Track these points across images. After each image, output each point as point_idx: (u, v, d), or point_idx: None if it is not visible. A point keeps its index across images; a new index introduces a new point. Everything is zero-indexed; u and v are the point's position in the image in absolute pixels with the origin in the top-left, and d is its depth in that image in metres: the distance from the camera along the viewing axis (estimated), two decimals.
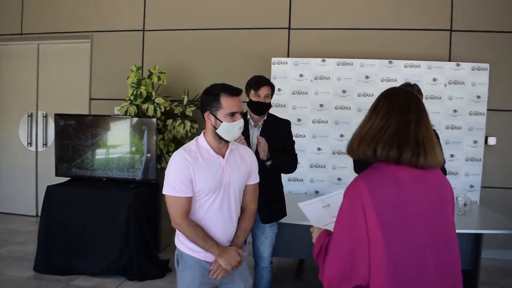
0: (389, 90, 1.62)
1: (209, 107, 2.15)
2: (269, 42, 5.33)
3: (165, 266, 4.30)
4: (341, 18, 5.24)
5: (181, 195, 2.10)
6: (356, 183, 1.50)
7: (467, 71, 4.81)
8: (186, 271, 2.20)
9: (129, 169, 4.47)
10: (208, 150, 2.18)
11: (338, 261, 1.48)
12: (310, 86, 4.95)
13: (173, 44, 5.53)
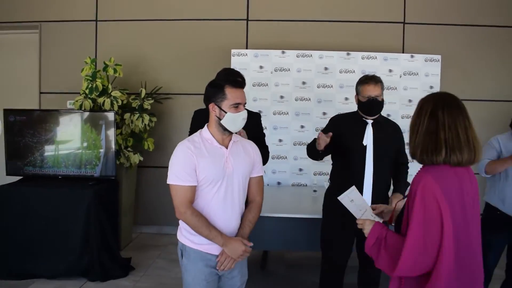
0: (438, 95, 1.82)
1: (214, 98, 2.17)
2: (228, 34, 5.28)
3: (128, 265, 4.21)
4: (300, 10, 5.27)
5: (185, 183, 2.11)
6: (423, 177, 1.67)
7: (420, 63, 4.98)
8: (190, 264, 2.20)
9: (86, 166, 4.32)
10: (211, 141, 2.20)
11: (414, 249, 1.62)
12: (270, 78, 4.95)
13: (128, 35, 5.36)
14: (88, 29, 5.42)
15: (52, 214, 3.96)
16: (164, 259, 4.60)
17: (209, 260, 2.19)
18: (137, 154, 4.76)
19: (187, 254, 2.21)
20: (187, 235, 2.21)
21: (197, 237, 2.17)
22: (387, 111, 4.92)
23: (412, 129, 1.77)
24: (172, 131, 5.30)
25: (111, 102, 4.56)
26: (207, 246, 2.18)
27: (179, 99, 5.31)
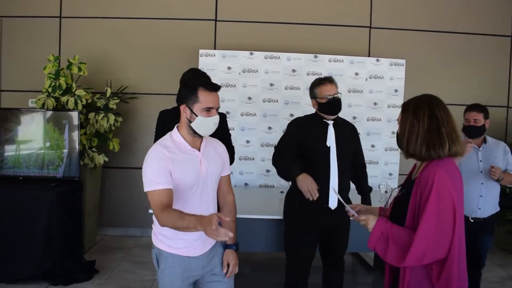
0: (429, 97, 1.94)
1: (186, 100, 2.10)
2: (196, 34, 5.26)
3: (92, 268, 4.13)
4: (268, 12, 5.31)
5: (161, 187, 2.02)
6: (436, 171, 1.79)
7: (385, 66, 5.09)
8: (167, 269, 2.15)
9: (49, 167, 4.20)
10: (184, 145, 2.14)
11: (427, 239, 1.72)
12: (238, 79, 4.95)
13: (94, 33, 5.25)
14: (52, 26, 5.27)
15: (13, 216, 3.83)
16: (129, 261, 4.53)
17: (187, 263, 2.17)
18: (102, 155, 4.66)
19: (164, 259, 2.16)
20: (163, 240, 2.16)
21: (173, 241, 2.14)
22: (353, 113, 5.02)
23: (410, 130, 1.88)
24: (138, 131, 5.23)
25: (75, 101, 4.45)
26: (184, 250, 2.15)
27: (145, 99, 5.24)
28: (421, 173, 1.85)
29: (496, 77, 5.64)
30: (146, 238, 5.24)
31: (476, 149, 3.39)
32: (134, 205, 5.22)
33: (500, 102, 5.67)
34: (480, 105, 3.44)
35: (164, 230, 2.12)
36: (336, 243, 3.05)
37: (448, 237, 1.74)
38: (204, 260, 2.20)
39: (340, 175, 2.93)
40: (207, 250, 2.22)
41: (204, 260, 2.20)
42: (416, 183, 1.84)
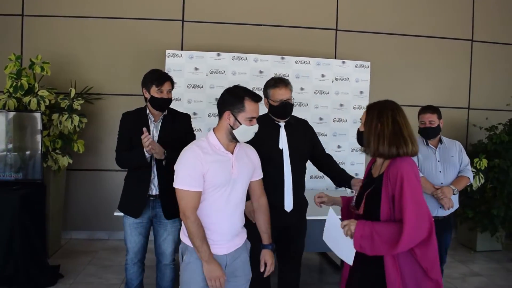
0: (391, 104, 2.16)
1: (231, 107, 2.19)
2: (162, 34, 5.22)
3: (56, 272, 4.04)
4: (236, 13, 5.32)
5: (192, 189, 2.14)
6: (401, 167, 2.02)
7: (351, 68, 5.18)
8: (190, 263, 2.23)
9: (10, 169, 4.08)
10: (218, 147, 2.23)
11: (412, 226, 1.93)
12: (206, 80, 4.94)
13: (58, 32, 5.13)
14: (13, 24, 5.11)
15: None
16: (95, 265, 4.46)
17: None
18: (66, 157, 4.56)
19: (189, 253, 2.24)
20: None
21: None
22: (320, 114, 5.09)
23: (375, 132, 2.09)
24: (104, 132, 5.14)
25: (38, 102, 4.34)
26: (210, 247, 2.20)
27: (111, 99, 5.16)
28: (387, 170, 2.06)
29: (457, 79, 5.82)
30: (112, 241, 5.16)
31: (434, 150, 3.49)
32: (100, 207, 5.14)
33: (461, 103, 5.86)
34: (433, 106, 3.53)
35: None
36: (293, 244, 3.05)
37: (426, 219, 1.99)
38: (228, 260, 2.27)
39: (295, 176, 2.93)
40: (232, 251, 2.29)
41: (227, 260, 2.27)
42: (385, 179, 2.05)
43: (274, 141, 2.93)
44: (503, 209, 4.98)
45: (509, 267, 4.83)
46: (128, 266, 3.11)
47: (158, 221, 3.05)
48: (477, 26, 5.83)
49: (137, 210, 3.00)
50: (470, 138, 5.81)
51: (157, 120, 3.05)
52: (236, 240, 2.32)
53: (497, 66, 5.89)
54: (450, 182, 3.40)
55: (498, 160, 5.04)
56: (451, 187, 3.34)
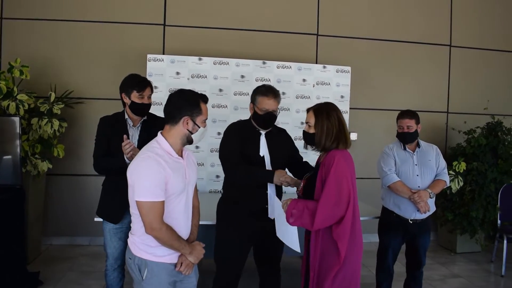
0: (333, 105, 2.55)
1: (190, 113, 2.17)
2: (144, 38, 5.20)
3: (36, 279, 3.96)
4: (217, 18, 5.33)
5: (158, 199, 2.07)
6: (336, 156, 2.39)
7: (332, 73, 5.23)
8: (153, 278, 2.16)
9: None
10: (172, 153, 2.18)
11: (327, 205, 2.32)
12: (187, 85, 4.93)
13: (37, 35, 5.07)
14: None
15: None
16: (75, 271, 4.40)
17: (171, 270, 2.21)
18: (45, 162, 4.51)
19: (150, 268, 2.16)
20: (147, 249, 2.16)
21: (159, 249, 2.15)
22: (301, 119, 5.12)
23: (325, 130, 2.45)
24: (84, 137, 5.09)
25: (17, 106, 4.28)
26: (169, 257, 2.18)
27: (92, 103, 5.12)
28: (324, 159, 2.44)
29: (436, 83, 5.92)
30: (93, 247, 5.10)
31: (411, 154, 3.51)
32: (81, 213, 5.08)
33: (441, 108, 5.95)
34: (411, 111, 3.54)
35: (147, 239, 2.14)
36: (272, 249, 3.04)
37: (345, 201, 2.34)
38: None
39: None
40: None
41: None
42: (321, 166, 2.43)
43: (255, 148, 2.93)
44: (482, 211, 5.07)
45: (488, 268, 4.90)
46: (108, 272, 3.07)
47: None
48: (455, 31, 5.94)
49: (117, 216, 2.97)
50: (449, 142, 5.90)
51: (136, 125, 3.02)
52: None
53: (475, 71, 6.01)
54: (427, 186, 3.41)
55: (476, 163, 5.12)
56: (427, 191, 3.36)
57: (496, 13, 6.06)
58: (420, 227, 3.41)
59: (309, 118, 2.52)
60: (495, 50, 6.06)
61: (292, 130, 5.08)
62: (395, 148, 3.54)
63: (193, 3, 5.30)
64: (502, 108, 5.87)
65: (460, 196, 5.20)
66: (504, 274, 4.64)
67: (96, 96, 5.14)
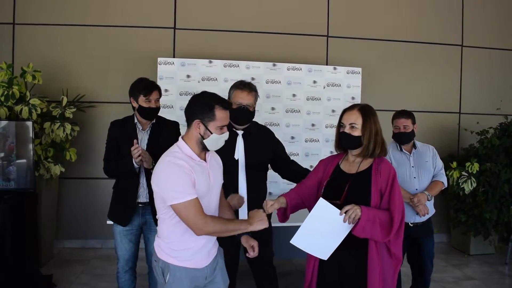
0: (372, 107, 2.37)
1: (201, 116, 2.10)
2: (154, 42, 5.23)
3: (49, 282, 4.00)
4: (227, 20, 5.34)
5: (191, 197, 2.03)
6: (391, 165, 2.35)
7: (342, 75, 5.21)
8: (175, 282, 2.14)
9: (2, 179, 4.06)
10: (194, 157, 2.14)
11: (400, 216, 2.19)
12: (198, 87, 4.94)
13: (49, 40, 5.13)
14: (4, 32, 5.11)
15: None
16: (88, 274, 4.43)
17: (193, 275, 2.17)
18: (58, 165, 4.54)
19: (172, 273, 2.14)
20: (171, 253, 2.15)
21: (182, 253, 2.14)
22: (312, 120, 5.11)
23: (375, 135, 2.26)
24: (96, 140, 5.12)
25: (29, 111, 4.32)
26: (191, 262, 2.16)
27: (103, 107, 5.16)
28: (376, 167, 2.26)
29: (448, 84, 5.87)
30: (105, 249, 5.13)
31: (408, 155, 3.43)
32: (93, 216, 5.12)
33: (453, 108, 5.90)
34: (407, 111, 3.46)
35: (172, 243, 2.15)
36: (261, 251, 3.01)
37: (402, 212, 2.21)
38: (208, 271, 2.24)
39: (251, 186, 2.84)
40: (211, 261, 2.25)
41: (207, 271, 2.23)
42: (375, 175, 2.24)
43: (230, 151, 2.80)
44: (495, 212, 5.01)
45: (502, 270, 4.85)
46: (119, 275, 3.09)
47: (149, 229, 3.04)
48: (466, 31, 5.88)
49: (125, 218, 2.99)
50: (461, 142, 5.85)
51: (145, 128, 3.05)
52: (213, 250, 2.29)
53: (487, 71, 5.95)
54: (425, 188, 3.34)
55: (489, 164, 5.07)
56: (425, 193, 3.27)
57: (508, 12, 5.99)
58: (422, 230, 3.33)
59: (355, 118, 2.26)
60: (508, 50, 5.98)
61: (303, 133, 5.12)
62: (391, 150, 3.42)
63: (203, 6, 5.32)
64: None
65: (473, 197, 5.14)
66: None
67: (107, 100, 5.17)
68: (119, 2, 5.21)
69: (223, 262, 2.38)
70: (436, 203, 3.57)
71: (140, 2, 5.24)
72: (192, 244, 2.14)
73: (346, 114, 2.31)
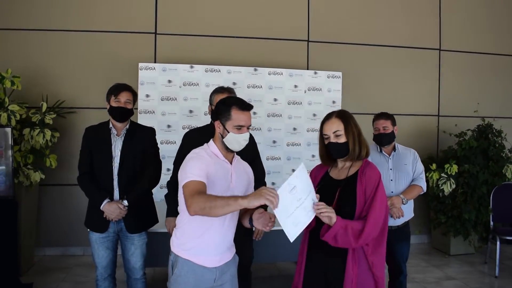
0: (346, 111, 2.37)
1: (221, 116, 2.23)
2: (135, 47, 5.21)
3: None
4: (208, 26, 5.36)
5: (197, 178, 2.06)
6: (377, 170, 2.28)
7: (323, 79, 5.27)
8: (181, 277, 2.20)
9: None
10: (219, 155, 2.24)
11: (374, 224, 2.13)
12: (179, 92, 4.95)
13: (28, 45, 5.07)
14: None
15: None
16: (69, 282, 4.38)
17: (201, 274, 2.19)
18: (38, 172, 4.49)
19: (180, 266, 2.20)
20: (182, 246, 2.22)
21: (193, 248, 2.19)
22: (293, 125, 5.15)
23: (358, 138, 2.25)
24: (77, 147, 4.90)
25: (8, 117, 4.27)
26: (201, 258, 2.19)
27: (84, 113, 5.11)
28: (362, 170, 2.23)
29: (427, 87, 5.97)
30: (87, 257, 5.07)
31: (387, 157, 3.42)
32: (74, 223, 5.05)
33: (432, 111, 6.00)
34: (386, 113, 3.48)
35: (185, 237, 2.21)
36: (241, 255, 2.99)
37: (383, 219, 2.19)
38: (217, 274, 2.23)
39: None
40: (222, 265, 2.25)
41: (217, 273, 2.23)
42: (360, 177, 2.21)
43: None
44: (474, 213, 5.11)
45: (482, 270, 4.93)
46: (98, 282, 3.06)
47: (124, 235, 3.02)
48: (444, 35, 6.00)
49: (102, 225, 2.97)
50: (440, 145, 5.95)
51: (120, 134, 3.02)
52: (227, 254, 2.29)
53: (465, 74, 6.07)
54: (401, 191, 3.31)
55: (468, 165, 5.17)
56: (400, 197, 3.24)
57: (484, 17, 6.13)
58: (396, 235, 3.29)
59: (337, 126, 2.25)
60: (484, 53, 6.12)
61: (285, 137, 5.16)
62: (372, 152, 3.35)
63: (184, 11, 5.32)
64: (492, 110, 5.94)
65: (452, 198, 5.23)
66: (498, 275, 4.67)
67: (88, 105, 5.13)
68: (99, 7, 5.18)
69: (235, 271, 2.37)
70: (416, 204, 3.62)
71: (120, 8, 5.22)
72: (205, 241, 2.18)
73: (326, 125, 2.28)
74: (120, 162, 2.95)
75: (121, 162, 2.95)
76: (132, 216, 2.97)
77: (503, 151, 5.39)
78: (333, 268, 2.23)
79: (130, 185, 2.95)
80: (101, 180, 2.98)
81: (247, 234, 2.99)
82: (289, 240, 2.02)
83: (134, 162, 2.97)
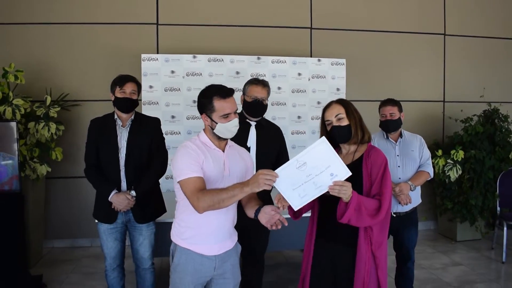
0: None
1: (205, 109, 2.21)
2: (137, 38, 5.20)
3: (39, 282, 3.97)
4: (210, 15, 5.33)
5: (194, 174, 2.11)
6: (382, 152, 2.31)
7: (327, 66, 5.23)
8: (179, 265, 2.22)
9: None
10: (210, 144, 2.24)
11: (388, 202, 2.19)
12: (183, 83, 4.94)
13: (30, 39, 5.07)
14: None
15: None
16: (78, 273, 4.42)
17: (200, 262, 2.21)
18: (44, 165, 4.51)
19: (178, 255, 2.24)
20: (180, 235, 2.25)
21: (191, 236, 2.21)
22: (297, 113, 5.13)
23: (359, 122, 2.30)
24: (82, 139, 4.97)
25: (13, 111, 4.28)
26: (200, 246, 2.20)
27: (88, 105, 5.12)
28: (367, 154, 2.26)
29: (432, 73, 5.93)
30: (95, 248, 5.12)
31: (394, 144, 3.42)
32: (81, 215, 5.09)
33: (437, 97, 5.96)
34: (393, 100, 3.47)
35: (182, 225, 2.23)
36: (256, 242, 3.02)
37: (391, 198, 2.25)
38: (217, 262, 2.24)
39: None
40: (222, 253, 2.26)
41: (217, 262, 2.24)
42: (365, 160, 2.24)
43: (243, 138, 2.93)
44: (481, 198, 5.09)
45: (489, 255, 4.92)
46: (107, 273, 3.09)
47: (132, 226, 3.04)
48: (448, 20, 5.94)
49: (108, 216, 2.99)
50: (446, 131, 5.92)
51: (125, 125, 3.03)
52: (227, 243, 2.29)
53: (470, 59, 6.01)
54: (409, 178, 3.33)
55: (474, 151, 5.14)
56: (408, 183, 3.27)
57: (489, 1, 6.05)
58: (404, 221, 3.32)
59: (338, 110, 2.28)
60: (490, 38, 6.05)
61: (289, 125, 5.14)
62: (377, 138, 3.45)
63: (185, 1, 5.29)
64: (498, 95, 5.88)
65: (459, 184, 5.21)
66: (505, 260, 4.67)
67: (92, 98, 5.13)
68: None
69: (237, 260, 2.38)
70: (423, 191, 3.60)
71: None
72: (202, 228, 2.20)
73: (328, 111, 2.32)
74: (126, 153, 2.96)
75: (127, 153, 2.96)
76: (140, 207, 2.98)
77: (509, 136, 5.34)
78: (342, 257, 2.26)
79: (137, 176, 2.96)
80: (108, 171, 3.00)
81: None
82: (295, 229, 2.06)
83: (141, 153, 2.98)
